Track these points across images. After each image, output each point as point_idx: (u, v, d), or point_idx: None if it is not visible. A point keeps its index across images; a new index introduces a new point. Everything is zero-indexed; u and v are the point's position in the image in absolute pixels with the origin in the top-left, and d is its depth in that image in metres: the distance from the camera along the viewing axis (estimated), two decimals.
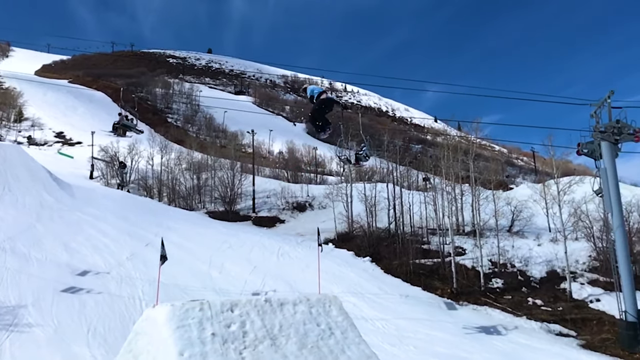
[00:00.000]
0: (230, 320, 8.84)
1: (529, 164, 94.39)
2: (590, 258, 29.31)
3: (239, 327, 8.79)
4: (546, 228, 34.38)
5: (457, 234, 32.78)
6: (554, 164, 35.70)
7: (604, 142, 20.77)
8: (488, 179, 39.30)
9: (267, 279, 24.25)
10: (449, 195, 34.02)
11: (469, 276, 27.97)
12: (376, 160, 47.78)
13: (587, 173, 52.23)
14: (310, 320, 9.64)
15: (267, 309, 9.42)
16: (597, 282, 26.97)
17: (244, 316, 9.04)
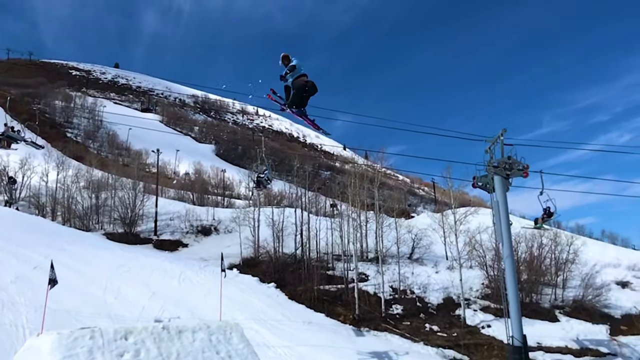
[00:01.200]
0: (123, 349, 8.31)
1: (430, 194, 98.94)
2: (483, 285, 31.04)
3: (132, 356, 8.28)
4: (444, 256, 36.06)
5: (361, 260, 33.46)
6: (452, 194, 37.71)
7: (496, 176, 22.17)
8: (391, 207, 40.70)
9: (166, 304, 23.19)
10: (354, 222, 34.74)
11: (371, 302, 28.53)
12: (285, 185, 47.93)
13: (481, 205, 55.73)
14: (209, 348, 9.30)
15: (164, 337, 8.97)
16: (489, 308, 28.56)
17: (139, 344, 8.53)
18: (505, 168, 23.30)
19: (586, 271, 32.30)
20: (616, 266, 38.14)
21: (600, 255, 40.50)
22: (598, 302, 30.12)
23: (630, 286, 34.07)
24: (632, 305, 30.65)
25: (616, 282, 33.90)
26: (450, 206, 37.26)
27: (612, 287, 32.68)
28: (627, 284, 34.24)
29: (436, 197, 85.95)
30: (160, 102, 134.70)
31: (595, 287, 30.78)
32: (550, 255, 33.11)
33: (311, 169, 60.88)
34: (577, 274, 32.55)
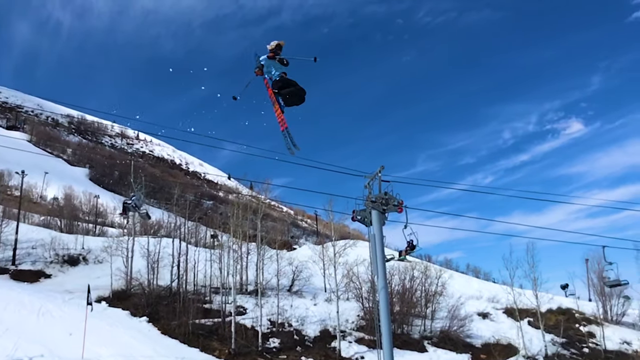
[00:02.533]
0: None
1: (312, 226, 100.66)
2: (358, 317, 31.84)
3: None
4: (323, 288, 36.57)
5: (240, 293, 32.85)
6: (333, 227, 38.65)
7: (374, 210, 23.01)
8: (274, 239, 40.71)
9: (21, 342, 20.88)
10: (235, 254, 34.13)
11: (248, 336, 27.97)
12: (164, 214, 46.04)
13: (360, 237, 57.60)
14: None
15: None
16: (363, 340, 29.29)
17: None
18: (382, 203, 24.39)
19: (452, 303, 34.47)
20: (478, 298, 41.18)
21: (465, 288, 43.59)
22: (462, 332, 32.19)
23: (490, 317, 36.86)
24: (491, 334, 33.13)
25: (478, 313, 36.50)
26: (331, 238, 38.09)
27: (475, 317, 35.11)
28: (487, 315, 37.00)
29: (318, 230, 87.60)
30: (29, 120, 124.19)
31: (459, 318, 32.90)
32: (421, 287, 34.95)
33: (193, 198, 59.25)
34: (445, 306, 34.60)
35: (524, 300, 34.25)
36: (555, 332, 33.95)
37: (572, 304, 39.77)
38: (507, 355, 30.69)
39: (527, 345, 31.59)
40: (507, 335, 33.13)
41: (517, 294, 34.18)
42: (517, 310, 33.67)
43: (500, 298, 38.27)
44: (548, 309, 36.56)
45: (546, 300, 35.83)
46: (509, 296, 34.57)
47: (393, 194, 24.95)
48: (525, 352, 31.22)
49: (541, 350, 31.64)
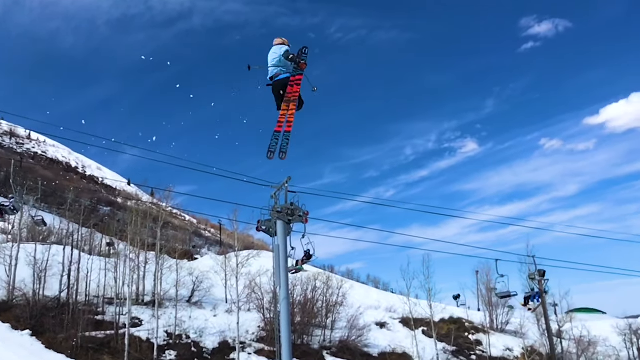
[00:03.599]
0: None
1: (216, 236, 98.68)
2: (259, 328, 31.60)
3: None
4: (224, 299, 35.91)
5: (136, 304, 31.43)
6: (237, 237, 38.14)
7: (279, 221, 23.03)
8: (174, 248, 39.38)
9: None
10: (132, 263, 32.60)
11: (142, 349, 26.78)
12: (56, 219, 43.06)
13: (264, 248, 57.32)
14: None
15: None
16: (263, 351, 29.11)
17: None
18: (287, 214, 24.57)
19: (352, 313, 35.26)
20: (377, 308, 42.42)
21: (365, 298, 44.76)
22: (360, 342, 33.01)
23: (387, 326, 38.11)
24: (387, 344, 34.26)
25: (376, 323, 37.61)
26: (234, 248, 37.57)
27: (373, 327, 36.15)
28: (384, 325, 38.22)
29: (222, 239, 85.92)
30: None
31: (358, 328, 33.71)
32: (323, 297, 35.41)
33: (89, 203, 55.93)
34: (344, 316, 35.29)
35: (419, 310, 35.80)
36: (446, 341, 35.77)
37: (462, 314, 42.17)
38: None
39: (421, 353, 33.03)
40: (402, 345, 34.42)
41: (413, 304, 35.69)
42: (413, 320, 35.12)
43: (398, 308, 39.72)
44: (441, 318, 38.47)
45: (439, 310, 37.71)
46: (405, 306, 35.91)
47: (299, 205, 25.27)
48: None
49: (433, 358, 33.19)
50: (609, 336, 40.69)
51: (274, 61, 9.25)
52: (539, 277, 26.65)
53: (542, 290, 27.69)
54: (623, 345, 41.38)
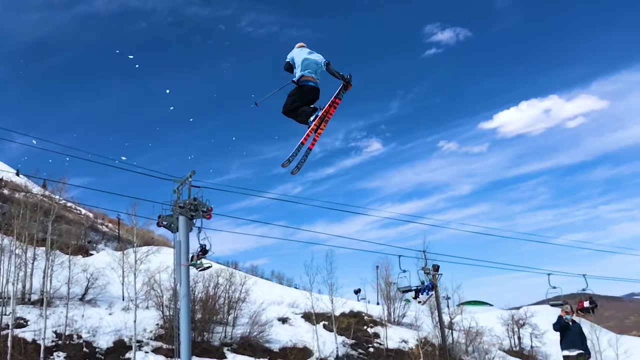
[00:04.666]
0: None
1: (114, 231, 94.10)
2: (157, 326, 30.64)
3: None
4: (120, 296, 34.41)
5: (22, 303, 29.25)
6: (136, 232, 36.66)
7: (181, 216, 22.50)
8: (67, 243, 36.98)
9: None
10: (18, 259, 30.25)
11: (27, 351, 25.00)
12: None
13: (166, 244, 55.63)
14: None
15: None
16: (161, 349, 28.27)
17: None
18: (190, 209, 23.98)
19: (254, 309, 35.17)
20: (279, 303, 42.65)
21: (268, 294, 44.84)
22: (262, 337, 33.05)
23: (289, 321, 38.44)
24: (289, 339, 34.57)
25: (278, 318, 37.80)
26: (133, 244, 36.10)
27: (275, 323, 36.31)
28: (286, 320, 38.51)
29: (120, 235, 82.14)
30: None
31: (260, 324, 33.72)
32: (225, 294, 35.01)
33: None
34: (247, 312, 35.13)
35: (321, 304, 36.58)
36: (346, 334, 36.76)
37: (362, 308, 43.54)
38: (302, 358, 32.36)
39: (321, 347, 33.72)
40: (303, 339, 34.89)
41: (315, 299, 36.42)
42: (314, 314, 35.79)
43: (300, 303, 40.21)
44: (342, 312, 39.45)
45: (340, 304, 38.72)
46: (307, 301, 36.54)
47: (203, 200, 24.78)
48: (319, 355, 33.30)
49: (333, 351, 34.02)
50: (494, 326, 43.99)
51: (310, 65, 8.57)
52: (433, 272, 28.13)
53: (436, 285, 29.29)
54: (506, 335, 44.95)
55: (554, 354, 31.17)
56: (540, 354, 43.19)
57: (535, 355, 43.00)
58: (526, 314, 46.25)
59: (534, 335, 43.74)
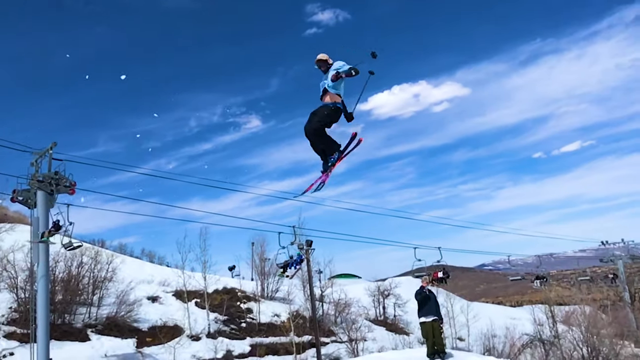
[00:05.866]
0: None
1: None
2: (11, 310, 28.20)
3: None
4: None
5: None
6: None
7: (40, 191, 20.84)
8: None
9: None
10: None
11: None
12: None
13: (23, 221, 50.96)
14: None
15: None
16: (14, 334, 26.10)
17: None
18: (50, 183, 22.16)
19: (122, 288, 33.71)
20: (150, 282, 41.29)
21: (138, 273, 43.12)
22: (129, 317, 31.85)
23: (159, 300, 37.44)
24: (158, 317, 33.71)
25: (148, 297, 36.63)
26: None
27: (144, 302, 35.16)
28: (156, 299, 37.46)
29: None
30: None
31: (128, 304, 32.44)
32: (90, 274, 33.12)
33: None
34: (114, 292, 33.59)
35: (193, 282, 36.09)
36: (219, 311, 36.70)
37: (236, 284, 43.65)
38: (172, 337, 31.76)
39: (193, 325, 33.37)
40: (174, 317, 34.24)
41: (188, 277, 35.85)
42: (186, 292, 35.23)
43: (172, 281, 39.26)
44: (215, 289, 39.24)
45: (214, 281, 38.49)
46: (179, 279, 35.84)
47: (66, 174, 23.02)
48: (190, 332, 32.95)
49: (205, 328, 33.84)
50: (361, 297, 46.56)
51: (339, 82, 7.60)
52: (306, 247, 28.98)
53: (309, 259, 30.30)
54: (372, 305, 47.83)
55: (414, 321, 33.88)
56: (402, 322, 46.58)
57: (398, 323, 46.31)
58: (391, 285, 49.53)
59: (397, 304, 47.02)
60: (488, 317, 40.53)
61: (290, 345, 32.62)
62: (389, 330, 42.42)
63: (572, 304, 43.23)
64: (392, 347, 33.35)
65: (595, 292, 51.61)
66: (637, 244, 48.98)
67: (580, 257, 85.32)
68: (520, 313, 54.15)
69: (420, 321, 15.47)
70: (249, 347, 33.94)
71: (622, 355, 34.64)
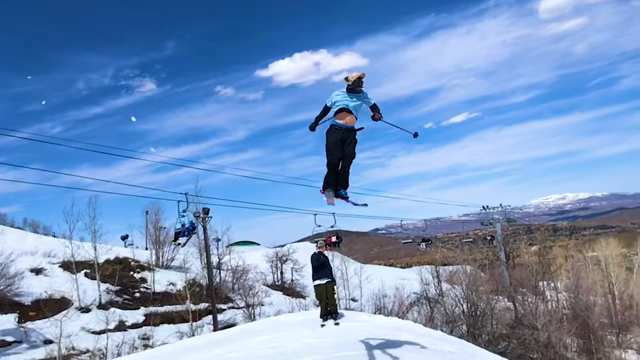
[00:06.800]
0: None
1: None
2: None
3: None
4: None
5: None
6: None
7: None
8: None
9: None
10: None
11: None
12: None
13: None
14: None
15: None
16: None
17: None
18: None
19: (1, 261, 31.32)
20: (33, 254, 38.64)
21: (19, 244, 40.15)
22: (10, 291, 29.80)
23: (44, 272, 35.29)
24: (43, 290, 31.85)
25: (31, 270, 34.39)
26: None
27: (27, 274, 32.98)
28: (41, 271, 35.26)
29: None
30: None
31: (8, 277, 30.27)
32: None
33: None
34: None
35: (82, 252, 34.32)
36: (110, 281, 35.37)
37: (129, 254, 42.19)
38: (59, 309, 30.15)
39: (82, 296, 31.95)
40: (61, 289, 32.50)
41: (76, 247, 34.00)
42: (75, 263, 33.48)
43: (58, 252, 37.06)
44: (106, 259, 37.64)
45: (105, 251, 36.77)
46: (67, 249, 33.98)
47: None
48: (79, 304, 31.53)
49: (95, 299, 32.53)
50: (259, 264, 46.97)
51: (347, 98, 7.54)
52: (203, 215, 28.55)
53: (205, 227, 29.87)
54: (270, 271, 48.46)
55: (310, 284, 34.89)
56: (299, 286, 47.73)
57: (295, 287, 47.40)
58: (289, 251, 50.34)
59: (295, 269, 48.03)
60: (380, 279, 42.51)
61: (186, 313, 32.29)
62: (286, 295, 43.34)
63: (456, 264, 46.59)
64: (289, 310, 34.09)
65: (476, 252, 56.12)
66: (513, 208, 53.72)
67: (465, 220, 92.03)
68: (409, 274, 57.53)
69: (315, 284, 15.96)
70: (143, 317, 33.22)
71: (497, 309, 38.25)
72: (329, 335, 13.01)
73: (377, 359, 9.16)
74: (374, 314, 26.36)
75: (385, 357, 9.37)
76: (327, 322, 15.03)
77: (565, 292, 47.96)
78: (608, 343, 41.72)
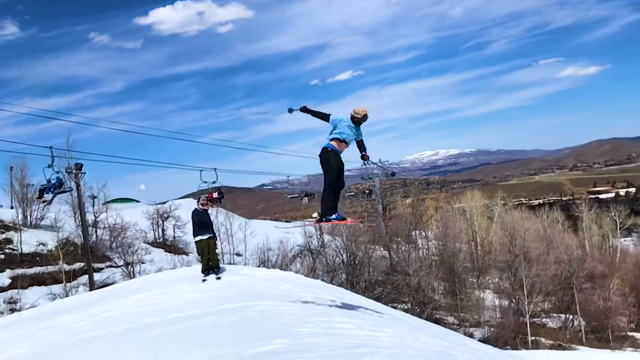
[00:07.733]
0: None
1: None
2: None
3: None
4: None
5: None
6: None
7: None
8: None
9: None
10: None
11: None
12: None
13: None
14: None
15: None
16: None
17: None
18: None
19: None
20: None
21: None
22: None
23: None
24: None
25: None
26: None
27: None
28: None
29: None
30: None
31: None
32: None
33: None
34: None
35: None
36: None
37: None
38: None
39: None
40: None
41: None
42: None
43: None
44: None
45: None
46: None
47: None
48: None
49: None
50: (138, 221, 45.30)
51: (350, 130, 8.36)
52: (76, 171, 26.80)
53: (79, 183, 28.08)
54: (151, 228, 47.06)
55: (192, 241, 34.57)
56: (182, 242, 46.94)
57: (177, 244, 46.55)
58: (171, 208, 49.06)
59: (177, 226, 47.05)
60: (264, 233, 43.11)
61: (59, 274, 30.53)
62: (168, 252, 42.46)
63: None
64: (171, 267, 33.52)
65: (357, 206, 58.77)
66: (391, 163, 56.67)
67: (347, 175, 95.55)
68: (294, 228, 58.97)
69: (196, 240, 15.92)
70: (9, 280, 30.85)
71: (374, 257, 40.73)
72: (210, 289, 13.11)
73: (257, 309, 9.45)
74: (256, 267, 26.86)
75: (265, 306, 9.68)
76: (208, 277, 15.12)
77: (435, 240, 52.27)
78: (470, 285, 46.47)
